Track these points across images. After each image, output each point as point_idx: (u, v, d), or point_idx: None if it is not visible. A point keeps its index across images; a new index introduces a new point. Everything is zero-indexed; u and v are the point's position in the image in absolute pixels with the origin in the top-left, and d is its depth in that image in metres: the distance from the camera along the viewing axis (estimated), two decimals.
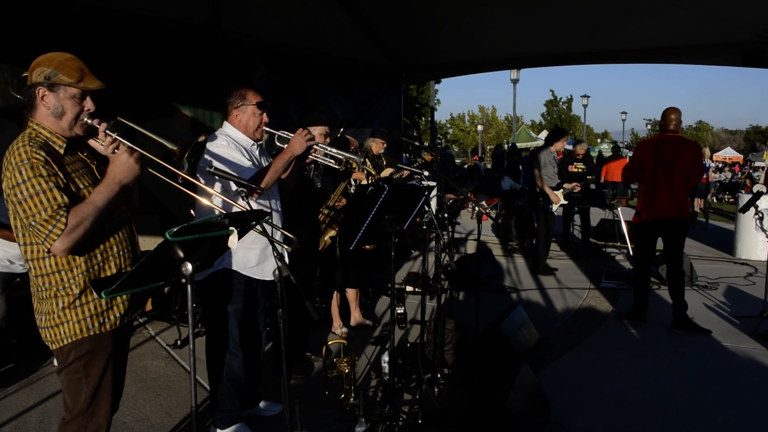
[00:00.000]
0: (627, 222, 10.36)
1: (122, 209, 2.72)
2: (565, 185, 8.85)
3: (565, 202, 9.06)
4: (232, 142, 3.67)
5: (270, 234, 2.81)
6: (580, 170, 9.91)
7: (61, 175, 2.43)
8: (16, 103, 2.60)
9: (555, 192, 8.61)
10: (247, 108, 3.73)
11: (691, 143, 6.37)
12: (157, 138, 2.73)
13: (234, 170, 3.40)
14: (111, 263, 2.62)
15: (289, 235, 2.96)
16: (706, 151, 15.69)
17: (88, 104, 2.56)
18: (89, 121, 2.57)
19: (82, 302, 2.54)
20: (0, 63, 5.24)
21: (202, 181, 3.36)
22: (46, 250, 2.41)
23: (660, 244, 6.28)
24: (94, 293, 2.54)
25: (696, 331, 5.93)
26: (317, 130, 4.50)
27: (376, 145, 7.30)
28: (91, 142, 2.67)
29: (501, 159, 22.12)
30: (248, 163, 3.64)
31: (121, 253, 2.67)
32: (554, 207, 8.60)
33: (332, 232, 5.49)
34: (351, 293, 6.08)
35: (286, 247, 3.00)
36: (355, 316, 6.15)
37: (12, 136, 2.52)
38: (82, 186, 2.52)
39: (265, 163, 3.86)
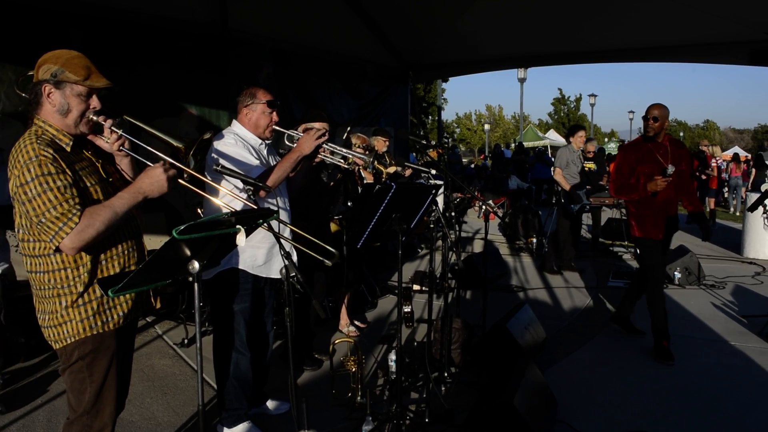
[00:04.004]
0: None
1: None
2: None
3: (589, 203, 8.90)
4: (240, 141, 3.67)
5: (278, 232, 2.81)
6: (591, 168, 9.84)
7: (69, 173, 2.43)
8: (20, 102, 2.60)
9: (579, 192, 8.52)
10: (257, 106, 3.74)
11: None
12: (162, 135, 2.73)
13: (242, 169, 3.40)
14: (115, 262, 2.62)
15: (330, 249, 2.94)
16: (716, 149, 15.60)
17: (94, 102, 2.57)
18: (95, 118, 2.57)
19: (84, 300, 2.54)
20: (5, 63, 5.24)
21: (209, 178, 3.37)
22: (53, 247, 2.41)
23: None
24: (97, 291, 2.55)
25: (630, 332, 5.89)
26: (317, 127, 4.54)
27: (379, 144, 7.30)
28: (97, 140, 2.67)
29: (501, 158, 22.17)
30: (256, 162, 3.65)
31: (125, 251, 2.67)
32: (575, 207, 8.49)
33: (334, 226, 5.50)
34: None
35: (327, 262, 2.98)
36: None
37: (16, 134, 2.51)
38: (89, 184, 2.52)
39: (273, 162, 3.86)
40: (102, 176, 2.61)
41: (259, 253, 3.73)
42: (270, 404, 4.26)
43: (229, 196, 3.29)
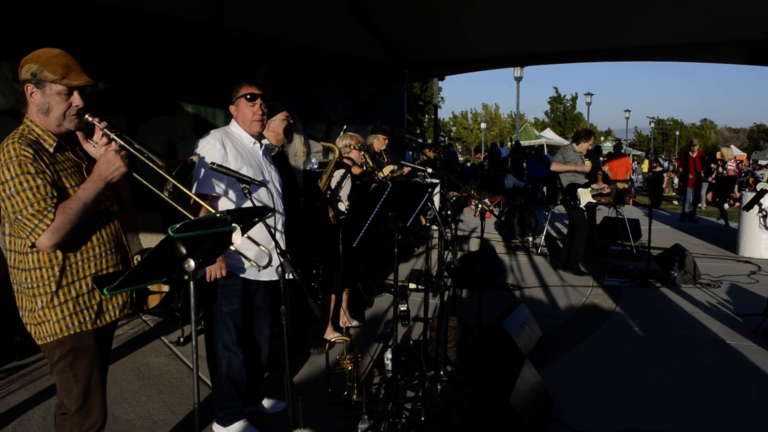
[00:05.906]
0: (630, 220, 10.37)
1: (108, 207, 2.72)
2: (594, 185, 8.74)
3: (594, 201, 8.86)
4: (219, 142, 3.57)
5: (272, 234, 2.81)
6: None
7: (49, 173, 2.45)
8: (14, 100, 2.60)
9: (583, 189, 8.50)
10: (239, 101, 3.71)
11: None
12: (145, 157, 2.66)
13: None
14: (91, 263, 2.62)
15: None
16: (728, 151, 15.66)
17: (76, 100, 2.56)
18: (89, 118, 2.57)
19: (60, 301, 2.55)
20: (0, 60, 5.21)
21: (197, 184, 3.38)
22: (30, 245, 2.43)
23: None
24: (72, 292, 2.57)
25: None
26: (279, 117, 4.50)
27: (378, 142, 7.29)
28: (86, 145, 2.67)
29: (497, 157, 22.20)
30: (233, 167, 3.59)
31: (103, 253, 2.66)
32: (581, 202, 8.45)
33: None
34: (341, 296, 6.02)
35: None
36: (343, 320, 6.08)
37: (11, 131, 2.53)
38: (68, 185, 2.52)
39: (267, 165, 3.82)
40: (85, 177, 2.60)
41: (248, 256, 3.69)
42: (266, 403, 4.25)
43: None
